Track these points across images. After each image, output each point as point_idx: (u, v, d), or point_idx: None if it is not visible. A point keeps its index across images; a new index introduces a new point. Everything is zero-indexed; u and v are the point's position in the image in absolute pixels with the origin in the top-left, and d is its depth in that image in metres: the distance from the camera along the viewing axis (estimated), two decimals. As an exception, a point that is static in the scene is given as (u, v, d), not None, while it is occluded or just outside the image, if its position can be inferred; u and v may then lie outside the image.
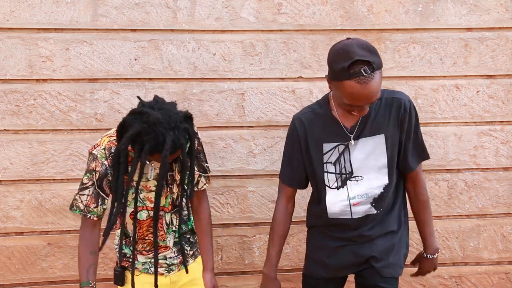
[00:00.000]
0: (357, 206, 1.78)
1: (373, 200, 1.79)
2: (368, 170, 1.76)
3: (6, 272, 2.48)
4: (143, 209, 1.89)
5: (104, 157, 1.81)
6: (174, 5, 2.47)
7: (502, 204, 2.67)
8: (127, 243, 1.99)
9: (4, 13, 2.38)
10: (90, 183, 1.83)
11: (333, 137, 1.78)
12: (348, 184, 1.77)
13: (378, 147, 1.75)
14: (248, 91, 2.53)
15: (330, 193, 1.81)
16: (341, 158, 1.77)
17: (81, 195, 1.84)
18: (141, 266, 1.99)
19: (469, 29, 2.59)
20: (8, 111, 2.42)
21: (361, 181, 1.77)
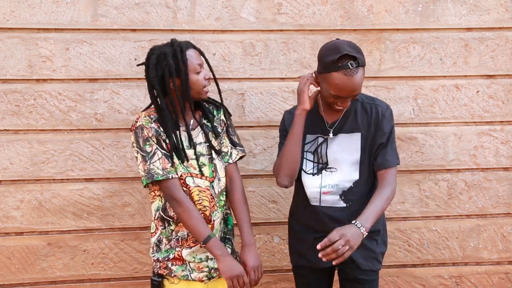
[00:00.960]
0: (326, 195, 1.94)
1: (342, 192, 1.94)
2: (342, 164, 1.93)
3: (6, 272, 2.48)
4: (188, 175, 1.91)
5: (149, 122, 1.90)
6: (174, 5, 2.47)
7: (502, 204, 2.67)
8: (172, 245, 1.94)
9: (4, 13, 2.38)
10: (155, 148, 1.88)
11: (315, 130, 1.97)
12: (323, 173, 1.95)
13: (354, 144, 1.93)
14: (248, 91, 2.53)
15: (305, 177, 1.97)
16: (318, 149, 1.96)
17: (153, 163, 1.87)
18: (180, 273, 1.92)
19: (469, 29, 2.59)
20: (8, 111, 2.42)
21: (335, 173, 1.94)
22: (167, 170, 1.87)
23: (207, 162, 1.96)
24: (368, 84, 2.55)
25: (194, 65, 1.90)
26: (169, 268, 1.93)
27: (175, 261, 1.93)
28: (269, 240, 2.61)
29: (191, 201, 1.89)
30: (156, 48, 1.93)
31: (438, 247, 2.67)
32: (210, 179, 1.96)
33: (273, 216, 2.60)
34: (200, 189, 1.92)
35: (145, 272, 2.53)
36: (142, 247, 2.52)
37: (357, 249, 1.75)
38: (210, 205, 1.93)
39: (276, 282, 2.63)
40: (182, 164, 1.92)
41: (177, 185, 1.89)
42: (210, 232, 1.85)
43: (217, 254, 1.84)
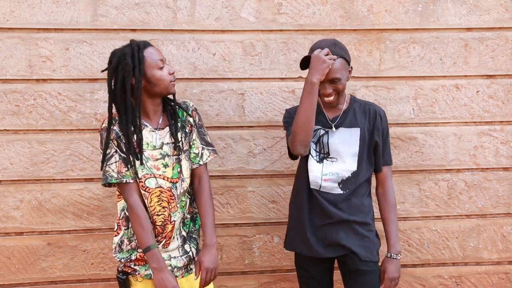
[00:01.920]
0: (326, 182, 2.09)
1: (341, 181, 2.09)
2: (342, 155, 2.09)
3: (6, 272, 2.48)
4: (151, 176, 1.92)
5: (113, 124, 1.92)
6: (174, 5, 2.47)
7: (502, 204, 2.67)
8: (133, 246, 1.97)
9: (4, 13, 2.39)
10: (113, 150, 1.91)
11: (317, 122, 2.09)
12: (324, 162, 2.10)
13: (353, 137, 2.09)
14: (248, 91, 2.53)
15: (311, 162, 2.11)
16: (320, 140, 2.11)
17: (109, 165, 1.90)
18: (143, 272, 1.97)
19: (469, 29, 2.59)
20: (8, 111, 2.42)
21: (335, 163, 2.09)
22: (121, 174, 1.89)
23: (171, 163, 1.96)
24: (368, 84, 2.55)
25: (156, 61, 1.90)
26: (132, 267, 1.97)
27: (137, 261, 1.97)
28: (269, 240, 2.61)
29: (142, 208, 1.90)
30: (117, 50, 1.92)
31: (438, 247, 2.67)
32: (173, 180, 1.96)
33: (273, 216, 2.60)
34: (162, 189, 1.94)
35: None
36: (142, 247, 2.52)
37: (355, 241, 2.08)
38: (170, 206, 1.95)
39: (276, 282, 2.63)
40: (146, 165, 1.92)
41: (132, 189, 1.91)
42: (152, 243, 1.87)
43: (153, 267, 1.87)
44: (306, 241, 2.12)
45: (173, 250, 1.99)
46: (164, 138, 1.97)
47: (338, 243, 2.08)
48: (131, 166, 1.90)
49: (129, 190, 1.91)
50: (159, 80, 1.91)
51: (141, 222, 1.89)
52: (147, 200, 1.93)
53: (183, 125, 2.02)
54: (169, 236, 1.97)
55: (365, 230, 2.11)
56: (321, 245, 2.10)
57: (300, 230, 2.14)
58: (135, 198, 1.91)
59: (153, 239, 1.89)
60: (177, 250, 2.00)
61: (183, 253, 2.01)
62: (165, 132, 1.98)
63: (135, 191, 1.92)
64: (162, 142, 1.95)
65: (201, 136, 2.06)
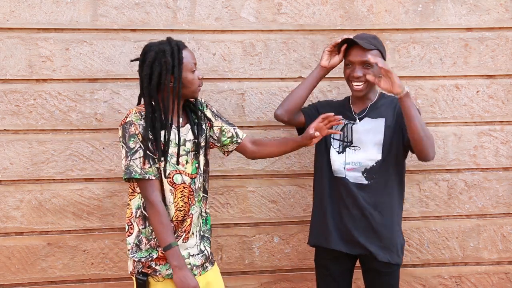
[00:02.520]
0: (350, 172, 2.10)
1: (365, 170, 2.09)
2: (365, 144, 2.10)
3: (6, 272, 2.48)
4: (177, 173, 1.95)
5: (139, 119, 1.91)
6: (174, 5, 2.47)
7: (502, 204, 2.67)
8: (152, 245, 1.94)
9: (4, 13, 2.38)
10: (138, 146, 1.89)
11: (342, 115, 2.12)
12: (347, 151, 2.12)
13: (378, 127, 2.10)
14: (248, 91, 2.53)
15: (333, 152, 2.15)
16: (344, 128, 2.15)
17: (133, 160, 1.88)
18: (165, 271, 1.92)
19: (469, 29, 2.59)
20: (8, 111, 2.42)
21: (358, 151, 2.11)
22: (145, 170, 1.88)
23: (190, 159, 2.00)
24: (368, 84, 2.55)
25: (191, 64, 1.94)
26: (152, 267, 1.93)
27: (158, 260, 1.93)
28: (269, 240, 2.61)
29: (163, 205, 1.90)
30: (153, 45, 1.94)
31: (438, 247, 2.67)
32: (192, 176, 1.99)
33: (273, 216, 2.60)
34: (185, 185, 1.97)
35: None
36: (142, 247, 2.52)
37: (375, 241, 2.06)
38: (190, 201, 1.98)
39: (276, 282, 2.63)
40: (170, 162, 1.94)
41: (153, 186, 1.90)
42: (173, 241, 1.87)
43: (174, 265, 1.86)
44: (326, 232, 2.13)
45: (192, 248, 1.99)
46: (186, 135, 2.00)
47: (357, 242, 2.08)
48: (153, 163, 1.90)
49: (150, 187, 1.89)
50: (190, 82, 1.94)
51: (162, 220, 1.87)
52: (173, 196, 1.94)
53: (201, 122, 2.07)
54: (187, 230, 1.97)
55: (387, 229, 2.08)
56: (340, 239, 2.11)
57: (321, 221, 2.16)
58: (157, 195, 1.89)
59: (173, 237, 1.88)
60: (195, 248, 2.00)
61: (199, 252, 2.01)
62: (186, 130, 2.01)
63: (156, 188, 1.90)
64: (184, 139, 1.99)
65: (226, 122, 2.15)
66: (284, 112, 2.21)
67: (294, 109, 2.21)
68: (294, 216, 2.60)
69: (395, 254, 2.10)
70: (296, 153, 2.57)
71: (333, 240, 2.12)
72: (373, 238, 2.08)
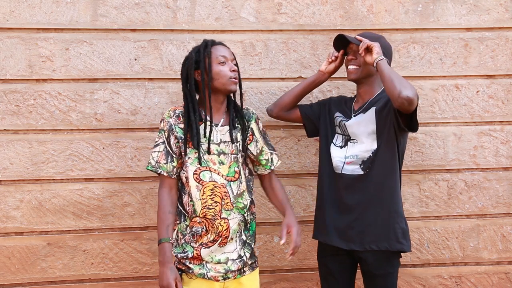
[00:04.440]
0: (349, 165, 2.11)
1: (362, 162, 2.09)
2: (360, 135, 2.11)
3: (6, 272, 2.48)
4: (206, 169, 1.97)
5: (169, 116, 2.02)
6: (174, 5, 2.47)
7: (502, 204, 2.67)
8: (186, 240, 2.00)
9: (4, 13, 2.38)
10: (161, 141, 2.01)
11: (342, 111, 2.23)
12: (348, 145, 2.14)
13: (369, 117, 2.10)
14: (248, 91, 2.53)
15: (333, 148, 2.18)
16: (341, 123, 2.18)
17: (153, 152, 2.02)
18: (197, 270, 1.97)
19: (469, 29, 2.59)
20: (8, 111, 2.42)
21: (356, 144, 2.12)
22: (159, 164, 1.99)
23: (227, 161, 2.00)
24: (368, 84, 2.55)
25: (217, 56, 1.99)
26: (186, 265, 1.99)
27: (193, 260, 1.99)
28: (269, 240, 2.61)
29: (166, 202, 1.98)
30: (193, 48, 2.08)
31: (438, 247, 2.67)
32: (228, 178, 1.99)
33: (273, 216, 2.60)
34: (216, 184, 1.97)
35: (145, 272, 2.53)
36: (142, 247, 2.52)
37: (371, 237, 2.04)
38: (223, 202, 1.97)
39: (276, 282, 2.63)
40: (203, 158, 1.97)
41: (164, 182, 2.00)
42: (164, 237, 1.94)
43: (159, 260, 1.94)
44: (325, 228, 2.15)
45: (231, 253, 2.00)
46: (223, 136, 2.02)
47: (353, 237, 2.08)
48: (171, 160, 1.99)
49: (162, 181, 2.01)
50: (217, 74, 1.97)
51: (161, 215, 1.97)
52: (200, 192, 1.96)
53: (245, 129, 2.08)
54: (225, 235, 1.98)
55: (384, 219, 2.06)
56: (337, 235, 2.11)
57: (321, 216, 2.18)
58: (164, 191, 2.00)
59: (166, 233, 1.95)
60: (235, 253, 2.01)
61: (238, 257, 2.01)
62: (224, 130, 2.03)
63: (167, 184, 2.00)
64: (220, 139, 2.01)
65: (267, 143, 2.17)
66: (273, 107, 2.35)
67: (282, 107, 2.32)
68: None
69: (394, 240, 2.06)
70: (296, 153, 2.57)
71: (332, 236, 2.13)
72: (369, 231, 2.06)
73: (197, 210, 1.97)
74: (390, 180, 2.10)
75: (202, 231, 1.97)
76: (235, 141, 2.02)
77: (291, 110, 2.34)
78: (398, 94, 1.86)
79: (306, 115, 2.32)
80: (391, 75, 1.93)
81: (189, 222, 2.00)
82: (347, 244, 2.10)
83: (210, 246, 1.97)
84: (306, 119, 2.33)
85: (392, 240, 2.06)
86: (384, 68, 1.97)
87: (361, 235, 2.07)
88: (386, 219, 2.07)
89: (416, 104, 1.91)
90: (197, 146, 1.95)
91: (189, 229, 1.99)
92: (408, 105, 1.87)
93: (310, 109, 2.33)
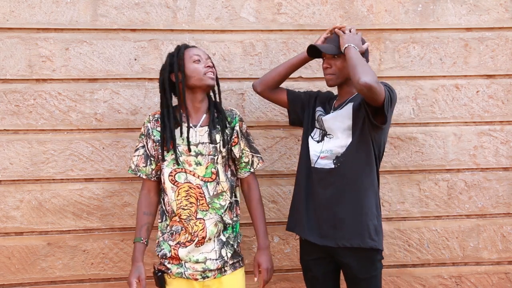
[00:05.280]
0: (323, 160, 2.09)
1: (336, 157, 2.07)
2: (336, 130, 2.08)
3: (6, 272, 2.48)
4: (182, 171, 2.01)
5: (148, 121, 2.09)
6: (174, 5, 2.47)
7: (502, 204, 2.67)
8: (165, 238, 2.04)
9: (4, 13, 2.39)
10: (141, 145, 2.09)
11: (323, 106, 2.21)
12: (324, 139, 2.12)
13: (345, 112, 2.08)
14: (248, 91, 2.53)
15: (311, 142, 2.16)
16: (319, 118, 2.16)
17: (133, 156, 2.11)
18: (175, 269, 2.02)
19: (469, 29, 2.59)
20: (8, 111, 2.42)
21: (332, 139, 2.10)
22: (138, 167, 2.08)
23: (204, 163, 2.01)
24: (368, 84, 2.55)
25: (191, 56, 2.02)
26: (165, 265, 2.04)
27: (172, 260, 2.03)
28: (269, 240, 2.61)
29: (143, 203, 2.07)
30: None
31: (438, 247, 2.67)
32: (204, 179, 2.01)
33: (273, 216, 2.60)
34: (191, 185, 2.00)
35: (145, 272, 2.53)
36: (142, 247, 2.52)
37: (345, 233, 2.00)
38: (198, 203, 2.00)
39: (276, 282, 2.63)
40: (179, 159, 2.00)
41: (144, 185, 2.10)
42: (136, 237, 2.05)
43: (132, 257, 2.05)
44: (300, 221, 2.13)
45: (209, 253, 2.02)
46: (201, 137, 2.02)
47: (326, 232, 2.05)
48: (150, 163, 2.06)
49: (142, 184, 2.12)
50: (192, 71, 2.00)
51: (137, 216, 2.08)
52: (175, 193, 2.01)
53: (226, 132, 2.07)
54: (201, 235, 2.00)
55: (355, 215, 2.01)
56: (311, 229, 2.09)
57: (296, 208, 2.16)
58: (142, 193, 2.10)
59: (139, 234, 2.04)
60: (213, 253, 2.02)
61: (218, 257, 2.02)
62: (203, 131, 2.03)
63: (145, 187, 2.10)
64: (199, 140, 2.02)
65: (250, 144, 2.15)
66: (258, 83, 2.28)
67: (268, 83, 2.26)
68: (294, 216, 2.60)
69: (367, 237, 2.00)
70: (296, 153, 2.57)
71: (307, 230, 2.10)
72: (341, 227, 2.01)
73: (172, 211, 2.02)
74: (364, 177, 2.04)
75: (181, 230, 2.01)
76: (214, 142, 2.02)
77: (276, 90, 2.29)
78: (357, 80, 1.86)
79: (292, 101, 2.27)
80: (356, 62, 1.93)
81: (170, 222, 2.05)
82: (320, 240, 2.06)
83: (187, 246, 2.00)
84: (291, 104, 2.28)
85: (365, 237, 2.00)
86: (352, 55, 1.96)
87: (333, 230, 2.03)
88: (358, 215, 2.02)
89: (377, 92, 1.87)
90: (174, 148, 1.99)
91: (169, 228, 2.04)
92: (368, 91, 1.86)
93: (297, 96, 2.29)
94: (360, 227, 2.01)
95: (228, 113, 2.11)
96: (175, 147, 1.99)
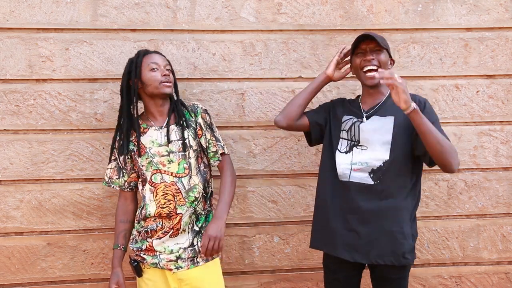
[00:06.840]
0: (356, 172, 2.03)
1: (372, 170, 2.01)
2: (373, 143, 2.02)
3: (6, 272, 2.48)
4: (157, 172, 2.09)
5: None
6: (174, 5, 2.47)
7: (502, 204, 2.67)
8: (142, 236, 2.12)
9: (4, 13, 2.39)
10: (113, 158, 2.19)
11: (351, 112, 2.15)
12: (354, 150, 2.06)
13: (386, 126, 2.02)
14: (248, 91, 2.53)
15: (338, 155, 2.10)
16: (352, 127, 2.09)
17: (107, 169, 2.22)
18: (150, 260, 2.10)
19: (469, 29, 2.59)
20: (8, 111, 2.42)
21: (365, 151, 2.03)
22: (111, 179, 2.21)
23: (176, 159, 2.09)
24: (368, 84, 2.55)
25: (148, 64, 2.09)
26: (141, 256, 2.13)
27: (147, 251, 2.11)
28: (269, 240, 2.61)
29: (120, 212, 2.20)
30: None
31: (438, 247, 2.67)
32: (178, 175, 2.08)
33: (273, 216, 2.60)
34: (166, 184, 2.08)
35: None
36: (142, 247, 2.52)
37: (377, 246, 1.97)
38: (176, 199, 2.06)
39: (276, 282, 2.63)
40: (153, 161, 2.09)
41: (120, 194, 2.22)
42: (115, 244, 2.18)
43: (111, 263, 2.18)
44: (331, 239, 2.06)
45: (183, 243, 2.09)
46: (170, 136, 2.09)
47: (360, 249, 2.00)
48: (122, 175, 2.18)
49: (120, 197, 2.24)
50: (149, 80, 2.08)
51: (115, 224, 2.21)
52: (153, 194, 2.09)
53: (191, 126, 2.15)
54: (176, 227, 2.08)
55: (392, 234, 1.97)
56: (344, 247, 2.03)
57: (325, 227, 2.09)
58: (119, 202, 2.23)
59: (117, 241, 2.17)
60: (187, 242, 2.09)
61: (189, 245, 2.09)
62: (171, 130, 2.11)
63: (121, 197, 2.22)
64: (167, 139, 2.09)
65: (214, 135, 2.21)
66: (282, 119, 2.21)
67: (292, 117, 2.20)
68: (294, 216, 2.61)
69: (400, 257, 1.98)
70: (296, 153, 2.57)
71: (338, 247, 2.04)
72: (376, 244, 1.98)
73: (152, 211, 2.08)
74: (402, 197, 2.00)
75: (157, 227, 2.08)
76: (182, 139, 2.10)
77: (299, 119, 2.22)
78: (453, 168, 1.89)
79: (315, 123, 2.22)
80: (437, 137, 1.84)
81: (144, 223, 2.12)
82: (352, 256, 2.02)
83: (162, 237, 2.08)
84: (314, 126, 2.22)
85: (399, 256, 1.98)
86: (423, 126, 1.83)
87: (368, 248, 1.99)
88: (394, 234, 1.98)
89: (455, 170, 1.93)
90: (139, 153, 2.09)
91: (144, 228, 2.11)
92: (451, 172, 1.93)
93: (317, 115, 2.23)
94: (396, 247, 1.98)
95: (191, 107, 2.19)
96: (147, 152, 2.09)
